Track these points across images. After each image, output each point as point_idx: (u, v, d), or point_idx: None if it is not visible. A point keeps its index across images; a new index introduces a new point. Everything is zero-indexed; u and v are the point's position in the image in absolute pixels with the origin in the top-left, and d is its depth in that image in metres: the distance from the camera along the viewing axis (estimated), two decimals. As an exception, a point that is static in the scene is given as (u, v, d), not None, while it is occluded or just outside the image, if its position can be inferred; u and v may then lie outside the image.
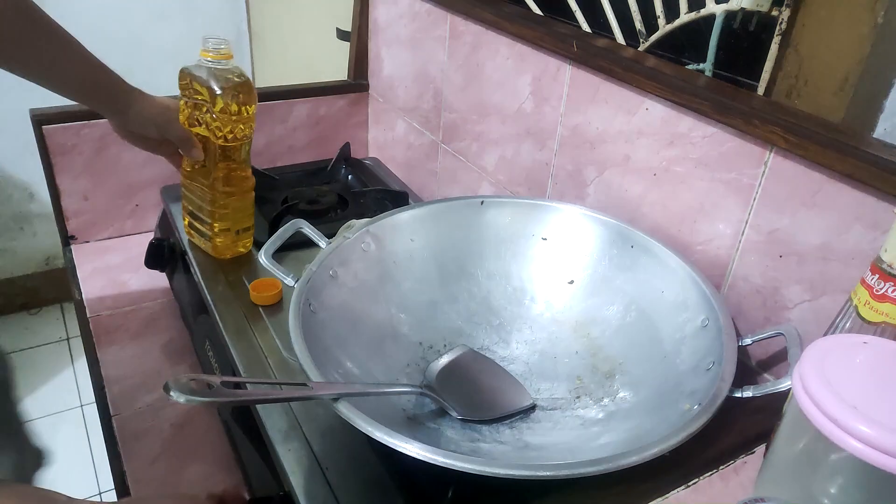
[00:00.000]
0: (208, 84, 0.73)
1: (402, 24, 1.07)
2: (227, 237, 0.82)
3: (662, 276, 0.64)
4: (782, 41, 0.61)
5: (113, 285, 0.98)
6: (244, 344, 0.69)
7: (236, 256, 0.83)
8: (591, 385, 0.62)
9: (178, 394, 0.42)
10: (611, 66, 0.71)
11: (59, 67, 0.70)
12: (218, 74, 0.74)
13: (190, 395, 0.42)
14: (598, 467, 0.44)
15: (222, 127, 0.75)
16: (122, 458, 0.73)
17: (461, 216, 0.73)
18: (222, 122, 0.75)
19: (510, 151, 0.90)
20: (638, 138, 0.71)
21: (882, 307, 0.46)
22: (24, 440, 1.02)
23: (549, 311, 0.70)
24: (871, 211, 0.52)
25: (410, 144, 1.13)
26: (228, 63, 0.75)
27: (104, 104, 0.74)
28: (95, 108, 0.75)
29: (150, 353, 0.88)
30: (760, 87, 0.63)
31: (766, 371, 0.64)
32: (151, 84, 0.77)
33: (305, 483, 0.53)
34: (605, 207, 0.77)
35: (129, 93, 0.74)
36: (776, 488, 0.45)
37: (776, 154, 0.59)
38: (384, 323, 0.65)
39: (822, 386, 0.39)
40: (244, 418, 0.67)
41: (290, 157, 1.17)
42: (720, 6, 0.65)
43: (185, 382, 0.43)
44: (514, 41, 0.85)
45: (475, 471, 0.43)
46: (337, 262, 0.64)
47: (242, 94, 0.74)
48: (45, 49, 0.68)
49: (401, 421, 0.56)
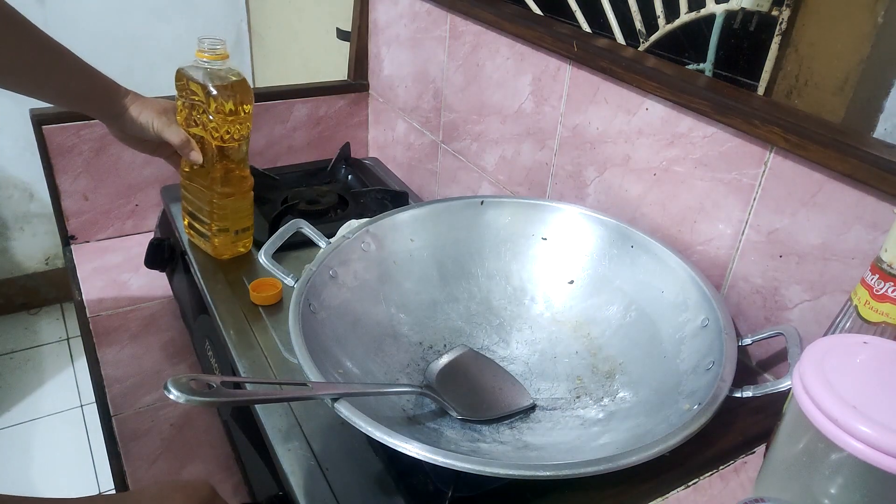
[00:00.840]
0: (204, 84, 0.73)
1: (402, 24, 1.07)
2: (226, 237, 0.82)
3: (662, 276, 0.64)
4: (782, 41, 0.61)
5: (113, 285, 0.98)
6: (244, 344, 0.69)
7: (236, 256, 0.83)
8: (591, 385, 0.62)
9: (179, 394, 0.42)
10: (611, 66, 0.71)
11: (51, 77, 0.69)
12: (214, 74, 0.74)
13: (190, 395, 0.42)
14: (598, 467, 0.44)
15: (219, 127, 0.75)
16: (122, 458, 0.73)
17: (461, 216, 0.73)
18: (219, 122, 0.74)
19: (510, 151, 0.90)
20: (638, 138, 0.71)
21: (882, 307, 0.46)
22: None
23: (549, 311, 0.70)
24: (871, 211, 0.52)
25: (410, 144, 1.13)
26: (224, 63, 0.75)
27: (99, 110, 0.73)
28: (91, 115, 0.74)
29: (150, 353, 0.88)
30: (760, 87, 0.63)
31: (767, 371, 0.64)
32: (150, 84, 0.78)
33: (305, 483, 0.53)
34: (605, 207, 0.77)
35: (123, 96, 0.74)
36: (776, 488, 0.45)
37: (776, 154, 0.59)
38: (384, 323, 0.65)
39: (822, 386, 0.39)
40: (244, 418, 0.67)
41: (290, 157, 1.17)
42: (720, 6, 0.65)
43: (185, 382, 0.43)
44: (514, 41, 0.85)
45: (475, 471, 0.43)
46: (337, 262, 0.64)
47: (239, 93, 0.74)
48: (35, 59, 0.67)
49: (401, 421, 0.56)
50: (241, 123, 0.76)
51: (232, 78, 0.74)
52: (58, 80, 0.70)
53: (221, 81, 0.74)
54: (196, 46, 0.74)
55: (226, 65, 0.75)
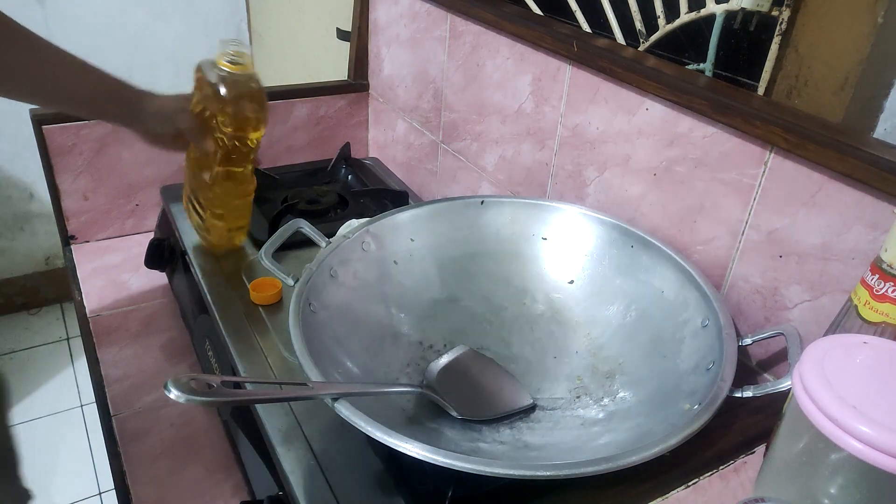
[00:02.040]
0: (219, 88, 0.72)
1: (402, 24, 1.07)
2: (221, 231, 0.81)
3: (662, 276, 0.64)
4: (782, 41, 0.61)
5: (113, 285, 0.98)
6: (244, 344, 0.69)
7: (234, 253, 0.84)
8: (591, 385, 0.62)
9: (179, 393, 0.42)
10: (611, 66, 0.71)
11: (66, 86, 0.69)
12: (232, 81, 0.72)
13: (190, 394, 0.42)
14: (598, 467, 0.44)
15: (232, 133, 0.74)
16: (122, 458, 0.73)
17: (461, 216, 0.73)
18: (232, 127, 0.73)
19: (510, 151, 0.90)
20: (638, 138, 0.71)
21: (882, 307, 0.46)
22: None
23: (549, 311, 0.70)
24: (871, 211, 0.52)
25: (410, 144, 1.13)
26: (245, 72, 0.73)
27: (118, 113, 0.73)
28: (110, 120, 0.74)
29: (150, 353, 0.87)
30: (760, 87, 0.63)
31: (766, 371, 0.64)
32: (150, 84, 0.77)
33: (305, 483, 0.53)
34: (605, 207, 0.77)
35: (139, 95, 0.73)
36: (776, 488, 0.45)
37: (776, 154, 0.59)
38: (384, 323, 0.65)
39: (822, 386, 0.39)
40: (244, 418, 0.67)
41: (290, 157, 1.17)
42: (720, 6, 0.65)
43: (185, 382, 0.43)
44: (514, 41, 0.85)
45: (475, 470, 0.43)
46: (337, 261, 0.64)
47: (255, 103, 0.73)
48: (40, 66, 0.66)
49: (401, 421, 0.56)
50: (254, 131, 0.75)
51: (252, 85, 0.72)
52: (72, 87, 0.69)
53: (238, 90, 0.72)
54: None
55: (247, 73, 0.73)
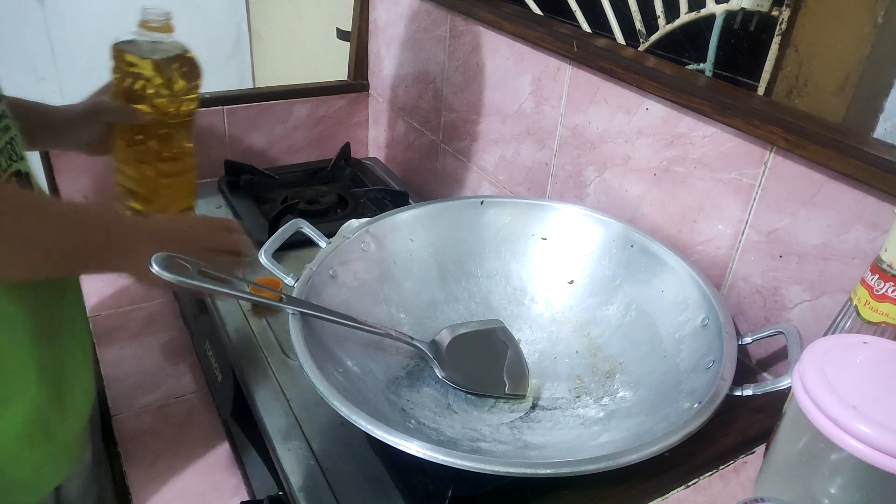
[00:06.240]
0: (149, 58, 0.69)
1: (402, 24, 1.07)
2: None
3: (662, 275, 0.64)
4: (782, 41, 0.61)
5: (113, 285, 0.98)
6: (244, 344, 0.69)
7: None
8: (591, 384, 0.62)
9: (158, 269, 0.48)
10: (611, 66, 0.71)
11: None
12: (158, 48, 0.69)
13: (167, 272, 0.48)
14: (597, 465, 0.44)
15: (166, 104, 0.71)
16: (122, 458, 0.73)
17: (461, 216, 0.73)
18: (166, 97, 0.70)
19: (510, 151, 0.90)
20: (638, 138, 0.71)
21: (882, 307, 0.46)
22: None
23: (549, 310, 0.70)
24: (871, 211, 0.52)
25: (410, 144, 1.13)
26: (170, 36, 0.70)
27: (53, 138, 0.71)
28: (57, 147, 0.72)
29: (150, 353, 0.87)
30: (760, 87, 0.63)
31: (766, 370, 0.64)
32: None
33: (305, 483, 0.53)
34: (605, 207, 0.77)
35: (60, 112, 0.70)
36: (776, 488, 0.45)
37: (776, 154, 0.59)
38: (384, 323, 0.65)
39: (822, 386, 0.39)
40: (244, 418, 0.67)
41: (290, 157, 1.17)
42: (720, 6, 0.65)
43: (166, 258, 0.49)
44: (514, 41, 0.85)
45: (475, 468, 0.43)
46: (337, 261, 0.64)
47: (186, 67, 0.71)
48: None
49: (401, 420, 0.56)
50: (190, 100, 0.72)
51: (179, 52, 0.70)
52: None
53: (167, 55, 0.69)
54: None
55: (171, 38, 0.70)
